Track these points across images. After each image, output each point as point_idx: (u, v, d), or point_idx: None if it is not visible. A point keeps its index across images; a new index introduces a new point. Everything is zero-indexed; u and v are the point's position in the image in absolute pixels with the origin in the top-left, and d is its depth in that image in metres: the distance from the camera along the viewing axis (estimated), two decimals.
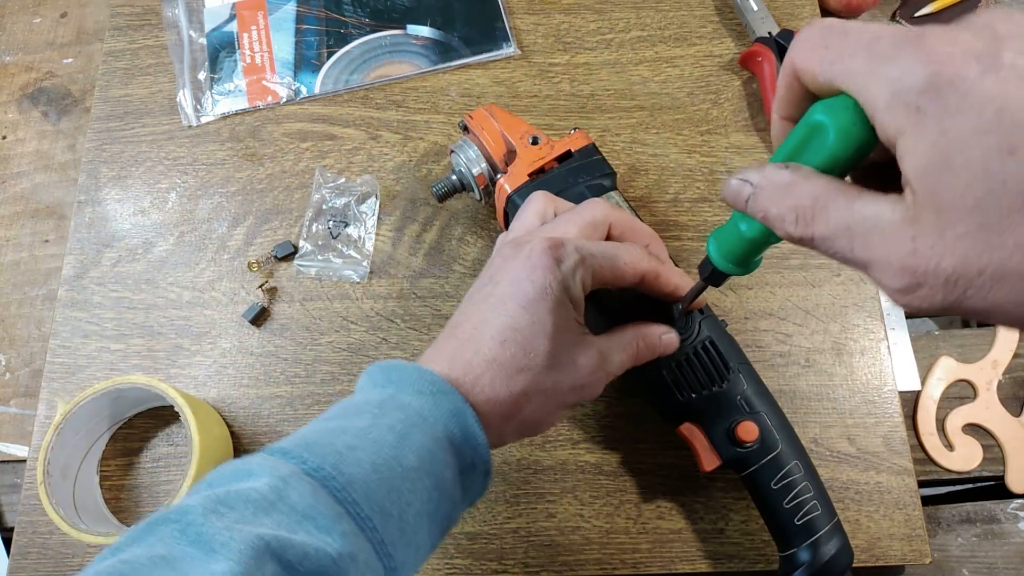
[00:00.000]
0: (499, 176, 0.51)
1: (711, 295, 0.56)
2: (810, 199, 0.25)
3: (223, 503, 0.30)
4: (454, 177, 0.55)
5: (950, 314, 0.23)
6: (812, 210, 0.25)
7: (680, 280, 0.42)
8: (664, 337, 0.43)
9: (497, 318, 0.38)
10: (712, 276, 0.36)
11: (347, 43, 0.66)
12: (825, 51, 0.24)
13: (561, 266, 0.38)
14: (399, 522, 0.33)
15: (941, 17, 0.70)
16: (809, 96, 0.27)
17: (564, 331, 0.38)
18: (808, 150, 0.26)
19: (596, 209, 0.42)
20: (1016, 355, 0.59)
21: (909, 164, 0.22)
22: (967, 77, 0.20)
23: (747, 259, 0.34)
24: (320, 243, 0.58)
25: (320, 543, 0.29)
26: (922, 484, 0.54)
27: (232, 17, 0.68)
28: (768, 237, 0.31)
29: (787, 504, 0.44)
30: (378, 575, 0.32)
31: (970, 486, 0.63)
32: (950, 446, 0.57)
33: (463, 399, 0.36)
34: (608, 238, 0.42)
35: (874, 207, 0.23)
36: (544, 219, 0.43)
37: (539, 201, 0.44)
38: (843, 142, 0.25)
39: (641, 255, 0.41)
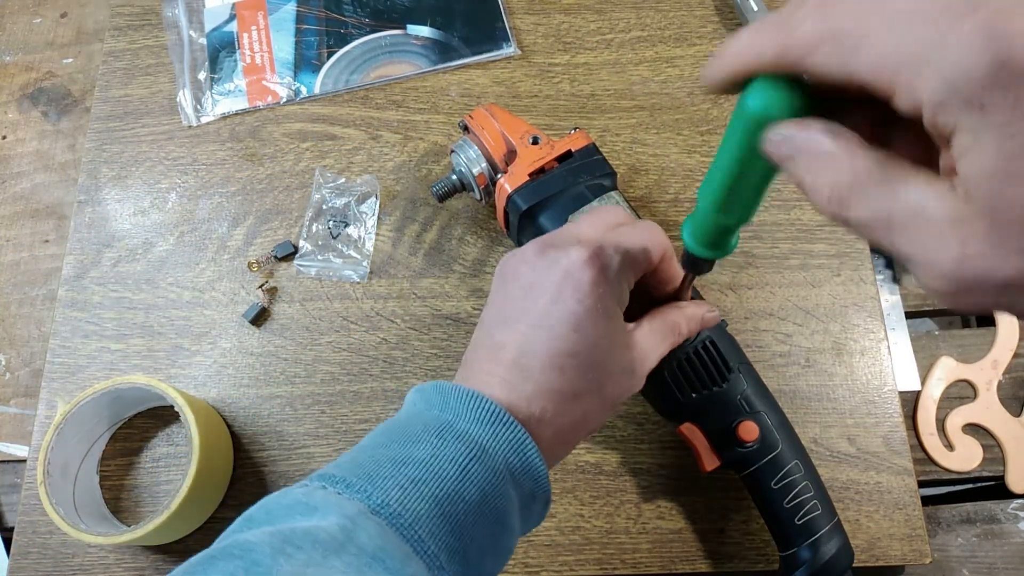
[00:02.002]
0: (499, 176, 0.51)
1: (711, 295, 0.56)
2: (850, 176, 0.22)
3: (290, 543, 0.28)
4: (454, 177, 0.55)
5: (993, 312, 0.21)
6: (851, 190, 0.22)
7: (678, 267, 0.41)
8: (709, 315, 0.42)
9: (548, 341, 0.35)
10: (693, 264, 0.35)
11: (347, 43, 0.66)
12: (839, 39, 0.21)
13: (607, 274, 0.36)
14: (463, 559, 0.32)
15: None
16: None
17: (617, 342, 0.37)
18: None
19: (614, 213, 0.41)
20: (1016, 355, 0.59)
21: (968, 165, 0.19)
22: None
23: (721, 241, 0.33)
24: (320, 243, 0.58)
25: None
26: (922, 484, 0.54)
27: (232, 17, 0.68)
28: (737, 222, 0.30)
29: (787, 504, 0.44)
30: None
31: (970, 486, 0.63)
32: (950, 446, 0.57)
33: (523, 430, 0.34)
34: None
35: (919, 196, 0.21)
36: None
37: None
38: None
39: (660, 232, 0.39)
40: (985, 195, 0.19)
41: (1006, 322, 0.60)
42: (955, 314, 0.67)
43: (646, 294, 0.42)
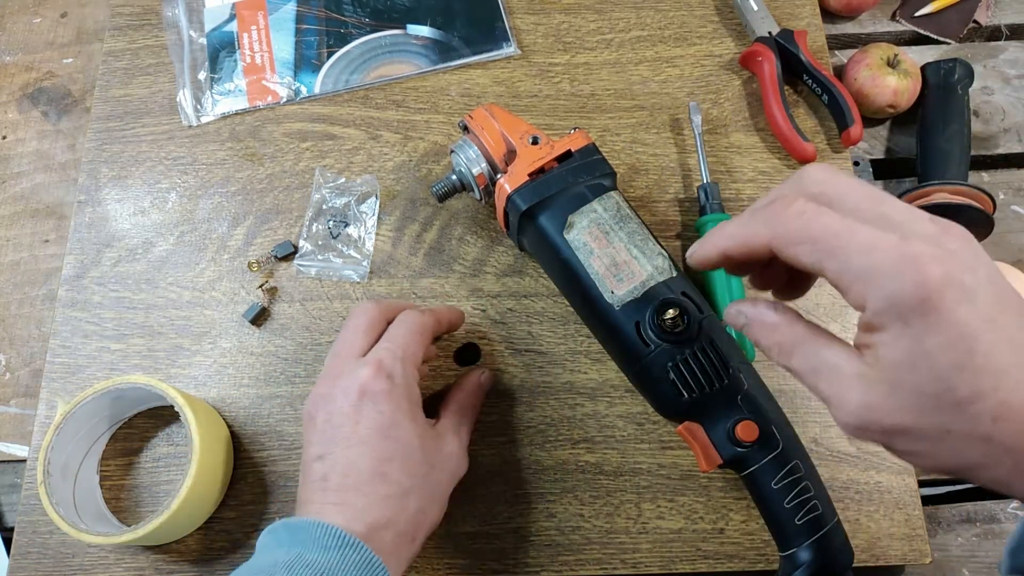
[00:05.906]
0: (499, 176, 0.51)
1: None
2: (790, 340, 0.32)
3: None
4: (454, 177, 0.55)
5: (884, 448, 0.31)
6: (791, 348, 0.32)
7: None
8: (483, 378, 0.52)
9: (364, 455, 0.40)
10: None
11: (347, 43, 0.66)
12: (816, 244, 0.29)
13: (395, 380, 0.42)
14: None
15: (940, 18, 0.70)
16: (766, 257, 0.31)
17: (426, 435, 0.43)
18: None
19: (366, 318, 0.46)
20: None
21: (884, 353, 0.28)
22: (947, 306, 0.26)
23: None
24: (320, 243, 0.58)
25: None
26: (922, 484, 0.54)
27: (232, 17, 0.68)
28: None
29: (787, 504, 0.44)
30: None
31: (970, 486, 0.63)
32: None
33: (367, 548, 0.37)
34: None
35: (836, 358, 0.30)
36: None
37: (363, 317, 0.47)
38: None
39: (420, 314, 0.47)
40: (890, 370, 0.28)
41: None
42: None
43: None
